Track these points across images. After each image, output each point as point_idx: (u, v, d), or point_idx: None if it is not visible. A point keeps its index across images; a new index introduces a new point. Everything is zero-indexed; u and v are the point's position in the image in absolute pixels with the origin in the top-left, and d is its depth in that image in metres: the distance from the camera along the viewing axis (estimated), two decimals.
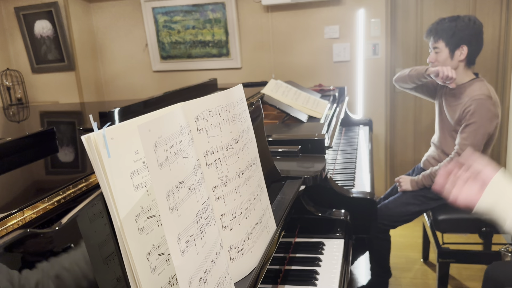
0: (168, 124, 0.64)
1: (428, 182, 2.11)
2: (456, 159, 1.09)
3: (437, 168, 2.09)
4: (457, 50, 2.04)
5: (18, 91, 3.79)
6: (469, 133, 1.99)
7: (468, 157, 1.03)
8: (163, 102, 1.82)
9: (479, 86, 2.02)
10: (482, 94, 1.97)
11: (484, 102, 1.96)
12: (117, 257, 0.69)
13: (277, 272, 1.22)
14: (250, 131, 0.96)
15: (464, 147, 2.00)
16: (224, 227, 0.83)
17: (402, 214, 2.17)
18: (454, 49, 2.05)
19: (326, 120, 2.11)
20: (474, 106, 1.96)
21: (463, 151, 2.00)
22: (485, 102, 1.96)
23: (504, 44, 3.13)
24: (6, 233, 0.64)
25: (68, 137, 1.42)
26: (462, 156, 1.07)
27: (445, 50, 2.06)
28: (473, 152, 1.08)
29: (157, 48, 3.72)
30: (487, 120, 1.96)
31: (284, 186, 1.32)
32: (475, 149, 1.98)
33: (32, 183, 0.93)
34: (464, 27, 2.03)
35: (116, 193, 0.62)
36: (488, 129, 1.97)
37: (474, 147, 1.98)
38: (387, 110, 3.38)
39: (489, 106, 1.96)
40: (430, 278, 2.55)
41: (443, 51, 2.07)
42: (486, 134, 1.97)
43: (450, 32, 2.04)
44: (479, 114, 1.96)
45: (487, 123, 1.96)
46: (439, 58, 2.08)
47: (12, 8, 3.66)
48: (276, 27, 3.44)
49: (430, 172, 2.11)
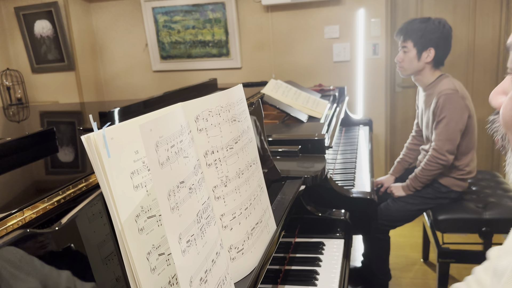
0: (168, 124, 0.64)
1: (417, 184, 2.15)
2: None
3: (419, 170, 2.13)
4: (424, 52, 2.09)
5: (18, 91, 3.79)
6: (441, 128, 2.04)
7: None
8: (163, 102, 1.82)
9: (446, 82, 2.07)
10: (449, 89, 2.02)
11: (451, 95, 2.00)
12: (117, 257, 0.69)
13: (277, 272, 1.22)
14: (250, 131, 0.96)
15: (440, 142, 2.05)
16: (224, 227, 0.83)
17: (402, 214, 2.18)
18: (421, 50, 2.09)
19: (326, 120, 2.11)
20: (442, 101, 2.01)
21: (439, 147, 2.05)
22: (452, 95, 2.00)
23: (504, 44, 3.13)
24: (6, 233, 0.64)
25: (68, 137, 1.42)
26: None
27: (413, 51, 2.10)
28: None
29: (157, 48, 3.72)
30: (456, 114, 2.01)
31: (284, 186, 1.32)
32: (451, 143, 2.03)
33: (32, 183, 0.93)
34: (434, 30, 2.07)
35: (116, 193, 0.62)
36: (459, 122, 2.02)
37: (449, 141, 2.03)
38: (387, 110, 3.38)
39: (457, 99, 2.01)
40: (430, 278, 2.55)
41: (411, 51, 2.11)
42: (458, 127, 2.02)
43: (420, 33, 2.08)
44: (448, 108, 2.01)
45: (457, 116, 2.01)
46: (406, 57, 2.12)
47: (12, 8, 3.66)
48: (276, 27, 3.44)
49: (415, 174, 2.15)
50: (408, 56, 2.11)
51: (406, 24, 2.13)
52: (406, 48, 2.11)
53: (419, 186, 2.15)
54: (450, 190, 2.15)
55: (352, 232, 1.46)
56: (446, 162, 2.05)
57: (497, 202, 2.15)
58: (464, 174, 2.14)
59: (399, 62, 2.16)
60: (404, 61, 2.13)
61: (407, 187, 2.19)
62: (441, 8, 3.19)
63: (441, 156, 2.04)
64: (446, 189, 2.15)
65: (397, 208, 2.18)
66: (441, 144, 2.03)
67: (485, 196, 2.23)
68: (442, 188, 2.15)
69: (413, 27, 2.09)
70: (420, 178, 2.13)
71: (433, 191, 2.15)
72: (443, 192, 2.15)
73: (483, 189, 2.32)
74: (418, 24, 2.09)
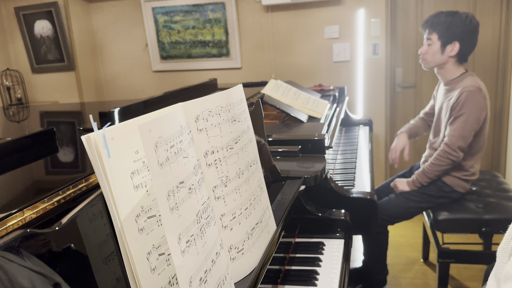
0: (168, 124, 0.64)
1: (424, 179, 2.13)
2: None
3: (427, 165, 2.11)
4: (448, 45, 2.06)
5: (18, 91, 3.79)
6: (458, 124, 2.02)
7: None
8: (163, 102, 1.82)
9: (470, 80, 2.05)
10: (473, 86, 2.00)
11: (474, 93, 1.99)
12: (117, 257, 0.69)
13: (277, 272, 1.22)
14: (250, 131, 0.96)
15: (453, 138, 2.03)
16: (224, 227, 0.83)
17: (402, 211, 2.17)
18: (446, 43, 2.06)
19: (326, 120, 2.11)
20: (464, 97, 1.99)
21: (452, 142, 2.03)
22: (475, 93, 1.99)
23: (504, 44, 3.13)
24: (6, 233, 0.64)
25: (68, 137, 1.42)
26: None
27: (437, 43, 2.08)
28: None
29: (157, 48, 3.72)
30: (476, 112, 2.00)
31: (284, 186, 1.32)
32: (464, 141, 2.02)
33: (32, 183, 0.93)
34: (460, 23, 2.04)
35: (116, 193, 0.62)
36: (476, 122, 2.00)
37: (463, 139, 2.01)
38: (387, 110, 3.38)
39: (479, 98, 1.99)
40: (430, 278, 2.55)
41: (435, 44, 2.09)
42: (474, 125, 2.01)
43: (445, 26, 2.05)
44: (469, 105, 1.99)
45: (476, 114, 2.00)
46: (430, 50, 2.10)
47: (12, 8, 3.66)
48: (276, 27, 3.44)
49: (423, 169, 2.13)
50: (432, 48, 2.08)
51: (432, 17, 2.10)
52: (431, 41, 2.08)
53: (426, 182, 2.13)
54: (453, 190, 2.15)
55: (352, 232, 1.46)
56: (456, 158, 2.03)
57: (497, 202, 2.15)
58: (468, 175, 2.13)
59: (422, 54, 2.13)
60: (427, 54, 2.10)
61: (412, 182, 2.17)
62: (441, 8, 3.18)
63: (452, 152, 2.02)
64: (449, 188, 2.15)
65: (398, 203, 2.17)
66: (454, 140, 2.01)
67: (485, 196, 2.23)
68: (445, 187, 2.15)
69: (439, 20, 2.06)
70: (427, 173, 2.11)
71: (436, 189, 2.15)
72: (446, 192, 2.15)
73: (483, 189, 2.32)
74: (445, 17, 2.06)
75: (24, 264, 0.54)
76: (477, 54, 3.20)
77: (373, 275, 2.31)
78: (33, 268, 0.56)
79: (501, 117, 3.22)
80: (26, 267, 0.55)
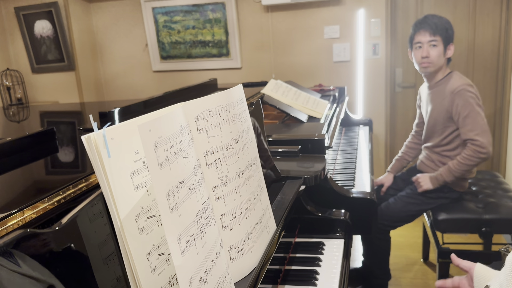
0: (168, 124, 0.64)
1: (450, 177, 2.08)
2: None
3: (455, 163, 2.06)
4: (447, 47, 2.10)
5: (18, 91, 3.79)
6: (471, 124, 2.01)
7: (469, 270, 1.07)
8: (163, 102, 1.82)
9: (458, 78, 2.07)
10: (465, 84, 2.02)
11: (470, 90, 2.01)
12: (117, 257, 0.69)
13: (277, 272, 1.22)
14: (250, 131, 0.96)
15: (478, 137, 2.00)
16: (224, 227, 0.83)
17: (403, 214, 2.17)
18: (446, 45, 2.09)
19: (326, 120, 2.11)
20: (461, 99, 2.01)
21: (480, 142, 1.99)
22: (470, 90, 2.02)
23: (504, 44, 3.13)
24: (6, 233, 0.64)
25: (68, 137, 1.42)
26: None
27: (441, 46, 2.08)
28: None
29: (157, 48, 3.72)
30: (477, 106, 2.01)
31: (284, 186, 1.32)
32: (487, 134, 2.00)
33: (32, 183, 0.93)
34: (450, 25, 2.09)
35: (116, 193, 0.62)
36: (482, 113, 2.02)
37: (485, 133, 2.00)
38: (387, 110, 3.38)
39: (475, 93, 2.02)
40: (430, 278, 2.55)
41: (439, 46, 2.09)
42: (484, 118, 2.02)
43: (445, 28, 2.06)
44: (470, 103, 2.00)
45: (480, 108, 2.02)
46: (435, 52, 2.08)
47: (12, 8, 3.66)
48: (276, 27, 3.44)
49: (449, 167, 2.08)
50: (437, 50, 2.08)
51: (432, 19, 2.09)
52: (436, 42, 2.07)
53: (451, 180, 2.09)
54: (451, 190, 2.15)
55: (352, 232, 1.46)
56: (487, 155, 2.00)
57: (497, 202, 2.15)
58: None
59: (426, 58, 2.10)
60: (433, 56, 2.08)
61: (436, 179, 2.11)
62: (441, 8, 3.19)
63: (482, 150, 1.98)
64: (447, 189, 2.15)
65: (398, 208, 2.17)
66: (480, 138, 1.98)
67: (485, 196, 2.24)
68: (444, 187, 2.14)
69: (441, 22, 2.07)
70: (454, 172, 2.06)
71: (435, 190, 2.15)
72: (444, 192, 2.15)
73: (483, 189, 2.32)
74: (439, 19, 2.08)
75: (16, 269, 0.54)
76: (477, 54, 3.20)
77: (375, 279, 2.30)
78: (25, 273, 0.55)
79: (501, 117, 3.22)
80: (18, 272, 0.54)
